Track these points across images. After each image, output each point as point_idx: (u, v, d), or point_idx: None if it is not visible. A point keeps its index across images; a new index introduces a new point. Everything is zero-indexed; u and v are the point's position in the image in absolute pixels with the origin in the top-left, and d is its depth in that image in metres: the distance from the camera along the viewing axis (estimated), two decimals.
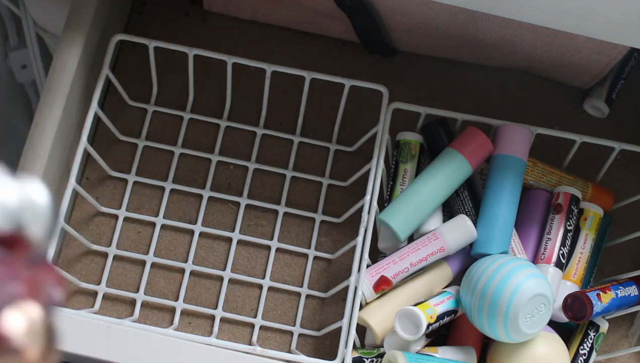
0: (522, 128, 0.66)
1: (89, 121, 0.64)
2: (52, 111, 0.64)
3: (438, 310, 0.61)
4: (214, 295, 0.68)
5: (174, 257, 0.69)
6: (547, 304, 0.60)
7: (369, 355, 0.63)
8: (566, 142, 0.68)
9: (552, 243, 0.65)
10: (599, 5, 0.51)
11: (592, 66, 0.71)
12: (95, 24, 0.67)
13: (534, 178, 0.69)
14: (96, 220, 0.70)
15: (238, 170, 0.72)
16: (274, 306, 0.68)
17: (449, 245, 0.63)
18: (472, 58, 0.75)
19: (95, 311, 0.67)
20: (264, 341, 0.67)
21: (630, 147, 0.68)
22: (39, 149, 0.63)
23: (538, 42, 0.69)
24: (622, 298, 0.65)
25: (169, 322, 0.67)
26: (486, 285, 0.60)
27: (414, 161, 0.68)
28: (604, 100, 0.74)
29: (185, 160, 0.72)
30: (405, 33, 0.72)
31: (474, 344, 0.64)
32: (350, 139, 0.73)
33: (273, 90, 0.70)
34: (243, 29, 0.76)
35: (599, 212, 0.68)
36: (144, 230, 0.70)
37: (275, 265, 0.69)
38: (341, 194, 0.72)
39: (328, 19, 0.73)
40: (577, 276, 0.66)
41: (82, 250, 0.69)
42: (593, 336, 0.66)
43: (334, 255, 0.69)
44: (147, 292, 0.68)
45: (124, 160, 0.71)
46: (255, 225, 0.70)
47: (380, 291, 0.63)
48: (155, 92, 0.73)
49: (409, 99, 0.70)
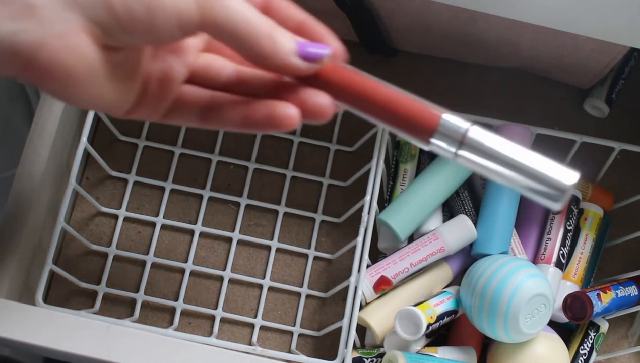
0: (522, 128, 0.66)
1: (89, 121, 0.64)
2: (52, 111, 0.64)
3: (438, 310, 0.61)
4: (214, 295, 0.68)
5: (174, 257, 0.69)
6: (547, 304, 0.60)
7: (369, 355, 0.63)
8: (566, 142, 0.68)
9: (552, 243, 0.65)
10: (599, 5, 0.51)
11: (592, 66, 0.71)
12: None
13: None
14: (96, 220, 0.70)
15: (238, 170, 0.72)
16: (274, 306, 0.68)
17: (449, 245, 0.63)
18: (472, 58, 0.75)
19: (95, 311, 0.67)
20: (264, 341, 0.67)
21: (630, 147, 0.68)
22: (39, 149, 0.63)
23: (538, 42, 0.69)
24: (622, 299, 0.65)
25: (169, 322, 0.67)
26: (486, 285, 0.60)
27: (414, 161, 0.68)
28: (604, 100, 0.74)
29: (185, 160, 0.72)
30: (405, 33, 0.72)
31: (474, 344, 0.64)
32: (350, 139, 0.73)
33: None
34: None
35: (599, 212, 0.68)
36: (144, 230, 0.70)
37: (275, 265, 0.69)
38: (341, 194, 0.72)
39: (328, 19, 0.73)
40: (577, 276, 0.66)
41: (82, 250, 0.69)
42: (593, 336, 0.66)
43: (334, 255, 0.69)
44: (147, 292, 0.68)
45: (124, 160, 0.71)
46: (255, 225, 0.70)
47: (380, 291, 0.63)
48: None
49: None
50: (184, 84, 0.41)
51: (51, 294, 0.68)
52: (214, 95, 0.41)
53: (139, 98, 0.40)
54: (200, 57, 0.42)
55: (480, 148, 0.36)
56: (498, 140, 0.36)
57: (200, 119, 0.41)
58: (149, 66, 0.40)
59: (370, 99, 0.38)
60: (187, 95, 0.41)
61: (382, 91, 0.38)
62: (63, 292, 0.68)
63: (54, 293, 0.68)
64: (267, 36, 0.36)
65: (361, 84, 0.38)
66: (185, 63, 0.41)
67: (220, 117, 0.41)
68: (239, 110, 0.40)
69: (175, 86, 0.41)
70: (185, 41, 0.40)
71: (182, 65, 0.41)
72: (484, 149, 0.35)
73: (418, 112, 0.37)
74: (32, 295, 0.64)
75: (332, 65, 0.39)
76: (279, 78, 0.40)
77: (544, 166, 0.35)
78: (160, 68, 0.40)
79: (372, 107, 0.38)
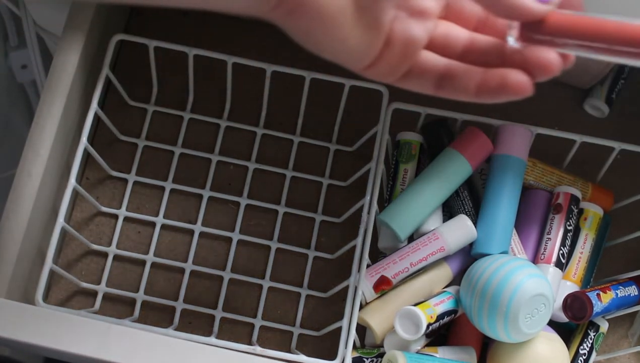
0: (522, 128, 0.66)
1: (89, 121, 0.64)
2: (52, 111, 0.64)
3: (438, 310, 0.61)
4: (214, 295, 0.68)
5: (174, 257, 0.69)
6: (547, 304, 0.60)
7: (369, 355, 0.63)
8: (566, 142, 0.68)
9: (552, 243, 0.65)
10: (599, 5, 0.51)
11: (592, 66, 0.71)
12: (95, 23, 0.67)
13: (534, 178, 0.69)
14: (96, 220, 0.70)
15: (238, 170, 0.72)
16: (274, 306, 0.68)
17: (449, 245, 0.63)
18: None
19: (95, 311, 0.67)
20: (264, 341, 0.67)
21: (630, 147, 0.68)
22: (39, 149, 0.63)
23: None
24: (622, 298, 0.65)
25: (169, 322, 0.67)
26: (486, 285, 0.60)
27: (414, 161, 0.68)
28: (604, 100, 0.74)
29: (185, 160, 0.72)
30: None
31: (474, 344, 0.64)
32: (350, 139, 0.73)
33: (273, 90, 0.70)
34: (243, 29, 0.76)
35: (599, 212, 0.68)
36: (144, 230, 0.70)
37: (275, 265, 0.69)
38: (341, 194, 0.72)
39: None
40: (577, 276, 0.66)
41: (82, 250, 0.69)
42: (593, 336, 0.66)
43: (334, 255, 0.69)
44: (147, 292, 0.68)
45: (124, 160, 0.71)
46: (255, 225, 0.70)
47: (380, 291, 0.63)
48: (155, 92, 0.73)
49: (409, 99, 0.69)
50: (423, 49, 0.42)
51: (51, 294, 0.68)
52: (451, 64, 0.42)
53: (380, 53, 0.41)
54: (440, 25, 0.43)
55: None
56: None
57: (435, 87, 0.43)
58: (393, 25, 0.40)
59: (599, 34, 0.39)
60: (426, 62, 0.43)
61: (608, 24, 0.39)
62: (63, 292, 0.68)
63: (54, 293, 0.68)
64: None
65: (585, 22, 0.39)
66: (426, 28, 0.42)
67: (455, 85, 0.42)
68: (474, 79, 0.41)
69: (417, 49, 0.42)
70: (426, 5, 0.42)
71: (423, 30, 0.42)
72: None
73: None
74: (32, 295, 0.64)
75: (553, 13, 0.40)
76: (506, 48, 0.42)
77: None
78: (403, 29, 0.41)
79: (603, 41, 0.39)
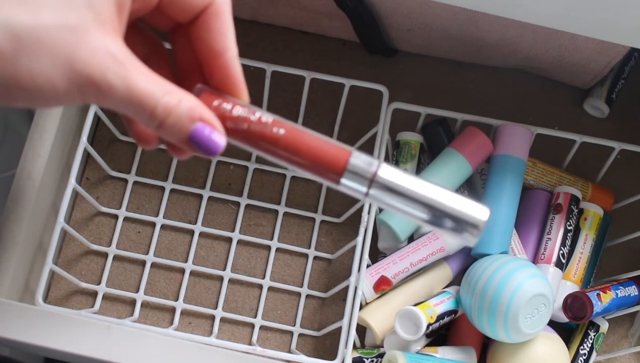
0: (522, 128, 0.66)
1: (89, 121, 0.64)
2: (52, 111, 0.64)
3: (438, 310, 0.61)
4: (214, 295, 0.68)
5: (174, 257, 0.69)
6: (547, 304, 0.60)
7: (369, 355, 0.63)
8: (566, 142, 0.68)
9: (552, 243, 0.65)
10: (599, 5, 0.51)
11: (592, 66, 0.71)
12: None
13: (534, 178, 0.69)
14: (96, 220, 0.70)
15: (238, 170, 0.72)
16: (274, 306, 0.68)
17: (449, 245, 0.63)
18: (472, 58, 0.75)
19: (95, 311, 0.67)
20: (264, 341, 0.67)
21: (630, 147, 0.68)
22: (39, 149, 0.63)
23: (538, 42, 0.69)
24: (622, 298, 0.65)
25: (169, 322, 0.67)
26: (486, 285, 0.60)
27: (414, 161, 0.68)
28: (604, 100, 0.74)
29: (185, 161, 0.72)
30: (405, 33, 0.72)
31: (474, 344, 0.64)
32: (350, 139, 0.73)
33: (273, 90, 0.70)
34: (243, 29, 0.76)
35: (599, 212, 0.68)
36: (144, 230, 0.70)
37: (275, 265, 0.69)
38: (341, 194, 0.72)
39: (328, 19, 0.73)
40: (577, 276, 0.66)
41: (82, 250, 0.69)
42: (593, 336, 0.66)
43: (334, 255, 0.69)
44: (147, 292, 0.68)
45: (124, 160, 0.71)
46: (255, 225, 0.70)
47: (380, 291, 0.63)
48: None
49: (409, 99, 0.70)
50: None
51: (51, 294, 0.68)
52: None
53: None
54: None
55: (391, 186, 0.34)
56: (409, 179, 0.34)
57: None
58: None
59: (275, 145, 0.35)
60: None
61: (288, 135, 0.35)
62: (63, 292, 0.68)
63: (54, 293, 0.68)
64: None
65: (261, 132, 0.36)
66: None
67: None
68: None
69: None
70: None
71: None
72: (394, 187, 0.34)
73: (325, 154, 0.35)
74: (32, 295, 0.64)
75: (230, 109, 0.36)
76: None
77: (456, 203, 0.34)
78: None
79: (277, 153, 0.35)
